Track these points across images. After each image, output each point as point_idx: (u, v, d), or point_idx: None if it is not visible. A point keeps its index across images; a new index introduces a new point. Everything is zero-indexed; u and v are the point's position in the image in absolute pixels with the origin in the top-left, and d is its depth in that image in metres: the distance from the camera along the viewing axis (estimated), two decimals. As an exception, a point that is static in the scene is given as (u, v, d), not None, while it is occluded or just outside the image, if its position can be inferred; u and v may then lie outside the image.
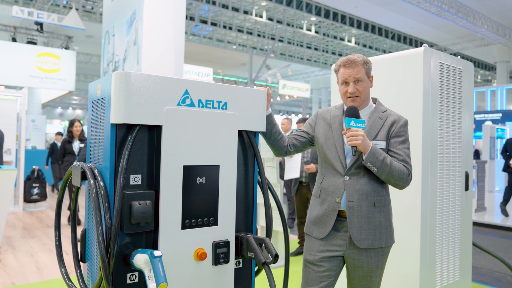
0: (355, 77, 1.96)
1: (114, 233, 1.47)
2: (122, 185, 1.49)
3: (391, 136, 1.98)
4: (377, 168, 1.88)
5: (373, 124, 2.00)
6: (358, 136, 1.85)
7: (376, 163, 1.87)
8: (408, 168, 1.95)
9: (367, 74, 2.00)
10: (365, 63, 1.99)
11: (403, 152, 1.96)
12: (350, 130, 1.88)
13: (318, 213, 2.03)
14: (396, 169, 1.90)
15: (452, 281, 3.08)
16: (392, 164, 1.89)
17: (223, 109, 1.76)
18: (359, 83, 1.97)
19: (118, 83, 1.52)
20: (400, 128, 1.99)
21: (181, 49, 7.75)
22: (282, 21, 20.01)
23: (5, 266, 4.23)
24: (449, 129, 3.05)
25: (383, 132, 1.98)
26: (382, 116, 2.01)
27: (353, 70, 1.96)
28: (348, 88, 1.98)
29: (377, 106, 2.06)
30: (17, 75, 13.72)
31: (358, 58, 1.98)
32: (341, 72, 2.01)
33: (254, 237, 1.80)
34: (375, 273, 1.97)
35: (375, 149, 1.87)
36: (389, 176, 1.90)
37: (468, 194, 3.26)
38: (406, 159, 1.96)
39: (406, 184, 1.95)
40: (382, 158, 1.87)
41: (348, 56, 1.99)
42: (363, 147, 1.86)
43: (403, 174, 1.91)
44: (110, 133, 1.54)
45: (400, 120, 2.01)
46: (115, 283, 1.55)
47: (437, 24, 19.03)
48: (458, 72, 3.14)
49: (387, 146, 1.97)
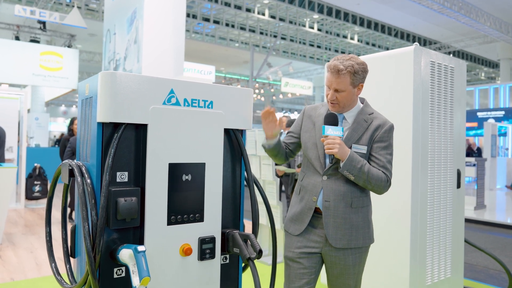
0: (335, 87, 1.90)
1: (99, 229, 1.51)
2: (108, 182, 1.54)
3: (374, 140, 1.95)
4: (354, 176, 1.88)
5: (357, 127, 1.97)
6: (335, 145, 1.84)
7: (353, 171, 1.86)
8: (387, 175, 1.93)
9: (353, 83, 1.90)
10: (354, 73, 1.87)
11: (384, 158, 1.94)
12: (327, 138, 1.87)
13: (296, 210, 2.06)
14: (374, 177, 1.88)
15: (444, 278, 3.11)
16: (370, 171, 1.88)
17: (209, 108, 1.80)
18: (340, 92, 1.91)
19: (104, 83, 1.57)
20: (384, 134, 1.96)
21: (181, 48, 7.79)
22: (284, 19, 19.99)
23: (4, 262, 4.30)
24: (440, 127, 3.07)
25: (366, 136, 1.95)
26: (368, 119, 1.98)
27: (335, 80, 1.89)
28: (329, 92, 1.95)
29: (364, 107, 2.02)
30: (21, 73, 13.81)
31: (346, 67, 1.86)
32: (326, 75, 1.98)
33: (240, 233, 1.84)
34: (352, 270, 1.99)
35: (352, 157, 1.86)
36: (366, 183, 1.90)
37: (460, 191, 3.29)
38: (386, 165, 1.93)
39: (384, 190, 1.95)
40: (359, 166, 1.86)
41: (335, 63, 1.88)
42: (340, 155, 1.85)
43: (380, 181, 1.90)
44: (97, 131, 1.59)
45: (385, 124, 1.97)
46: (102, 277, 1.59)
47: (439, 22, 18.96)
48: (450, 71, 3.16)
49: (368, 151, 1.95)
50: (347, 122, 2.01)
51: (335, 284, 2.06)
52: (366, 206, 2.01)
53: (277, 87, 24.18)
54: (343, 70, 1.87)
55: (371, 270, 3.05)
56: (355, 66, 1.88)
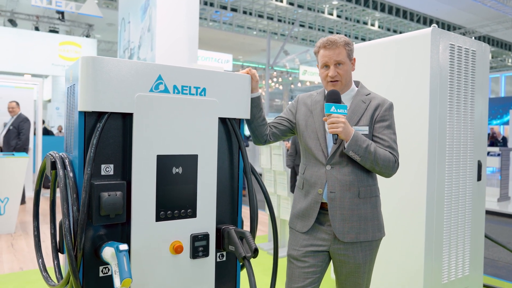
0: (336, 60, 1.81)
1: (80, 225, 1.41)
2: (90, 175, 1.43)
3: (376, 120, 1.84)
4: (360, 157, 1.75)
5: (355, 109, 1.86)
6: (339, 124, 1.71)
7: (359, 151, 1.74)
8: (395, 155, 1.81)
9: (349, 56, 1.85)
10: (347, 44, 1.84)
11: (389, 137, 1.82)
12: (330, 117, 1.74)
13: (301, 206, 1.92)
14: (381, 157, 1.76)
15: (461, 276, 2.94)
16: (377, 151, 1.76)
17: (201, 95, 1.67)
18: (340, 66, 1.83)
19: (85, 69, 1.45)
20: (385, 112, 1.85)
21: (195, 36, 7.68)
22: (303, 6, 19.60)
23: (16, 251, 4.32)
24: (460, 115, 2.86)
25: (366, 116, 1.84)
26: (365, 100, 1.87)
27: (334, 52, 1.81)
28: (328, 71, 1.83)
29: (359, 89, 1.92)
30: (40, 63, 13.99)
31: (339, 38, 1.83)
32: (321, 54, 1.86)
33: (236, 230, 1.72)
34: (363, 268, 1.86)
35: (357, 136, 1.74)
36: (373, 165, 1.77)
37: (480, 184, 3.08)
38: (392, 145, 1.82)
39: (393, 172, 1.82)
40: (365, 146, 1.74)
41: (329, 37, 1.85)
42: (344, 135, 1.72)
43: (389, 162, 1.78)
44: (78, 121, 1.48)
45: (385, 103, 1.87)
46: (86, 276, 1.50)
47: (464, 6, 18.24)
48: (471, 54, 2.93)
49: (371, 132, 1.84)
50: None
51: (344, 284, 1.93)
52: (375, 196, 1.88)
53: (295, 75, 23.83)
54: (338, 41, 1.83)
55: (382, 267, 2.89)
56: (344, 37, 1.86)
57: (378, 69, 2.99)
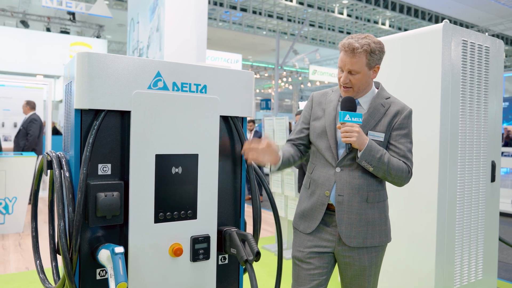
0: (349, 68, 1.70)
1: (76, 227, 1.37)
2: (85, 176, 1.39)
3: (393, 128, 1.77)
4: (373, 167, 1.69)
5: (373, 112, 1.77)
6: (353, 133, 1.65)
7: (372, 161, 1.67)
8: (408, 165, 1.75)
9: (369, 65, 1.71)
10: (371, 53, 1.69)
11: (405, 146, 1.75)
12: (344, 125, 1.67)
13: (306, 206, 1.86)
14: (395, 167, 1.70)
15: (474, 280, 2.84)
16: (390, 161, 1.69)
17: (202, 92, 1.62)
18: (354, 75, 1.72)
19: (81, 65, 1.41)
20: (404, 120, 1.77)
21: (203, 36, 7.65)
22: (313, 5, 19.46)
23: (23, 251, 4.32)
24: (472, 114, 2.77)
25: (384, 122, 1.76)
26: (385, 104, 1.79)
27: (350, 60, 1.69)
28: (342, 75, 1.75)
29: (379, 91, 1.83)
30: (52, 64, 14.11)
31: (362, 46, 1.66)
32: (340, 55, 1.77)
33: (238, 232, 1.66)
34: (369, 271, 1.79)
35: (371, 146, 1.67)
36: (386, 175, 1.71)
37: (494, 185, 2.98)
38: (407, 155, 1.75)
39: (405, 182, 1.77)
40: (379, 156, 1.67)
41: (350, 40, 1.69)
42: (358, 145, 1.66)
43: (402, 172, 1.72)
44: (75, 119, 1.44)
45: (404, 110, 1.78)
46: (83, 278, 1.46)
47: (477, 3, 17.94)
48: (485, 51, 2.83)
49: (386, 138, 1.76)
50: (362, 108, 1.81)
51: (349, 286, 1.86)
52: (383, 200, 1.81)
53: (305, 75, 23.71)
54: (359, 48, 1.68)
55: (391, 271, 2.81)
56: (371, 45, 1.69)
57: (387, 66, 2.91)
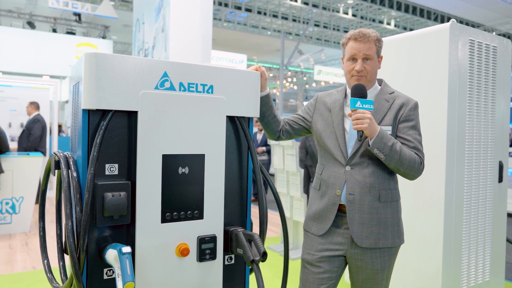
0: (365, 54, 1.73)
1: (83, 226, 1.37)
2: (93, 175, 1.39)
3: (400, 120, 1.76)
4: (385, 156, 1.66)
5: (378, 107, 1.77)
6: (365, 119, 1.63)
7: (384, 149, 1.65)
8: (420, 156, 1.73)
9: (378, 52, 1.79)
10: (378, 40, 1.78)
11: (414, 138, 1.74)
12: (356, 112, 1.66)
13: (317, 207, 1.85)
14: (407, 157, 1.67)
15: (481, 281, 2.82)
16: (403, 151, 1.67)
17: (208, 92, 1.62)
18: (368, 61, 1.75)
19: (88, 66, 1.41)
20: (410, 112, 1.76)
21: (209, 36, 7.66)
22: (318, 5, 19.45)
23: (30, 250, 4.35)
24: (480, 114, 2.75)
25: (390, 115, 1.76)
26: (389, 98, 1.79)
27: (364, 46, 1.73)
28: (355, 65, 1.75)
29: (383, 87, 1.84)
30: (58, 64, 14.22)
31: (372, 33, 1.76)
32: (349, 46, 1.77)
33: (244, 232, 1.66)
34: (381, 275, 1.77)
35: (383, 134, 1.66)
36: (398, 165, 1.68)
37: (502, 185, 2.96)
38: (418, 146, 1.74)
39: (418, 174, 1.73)
40: (391, 144, 1.65)
41: (361, 29, 1.77)
42: (369, 132, 1.64)
43: (414, 163, 1.69)
44: (82, 119, 1.44)
45: (410, 102, 1.78)
46: (90, 278, 1.46)
47: (483, 2, 17.85)
48: (492, 50, 2.81)
49: (394, 132, 1.75)
50: None
51: None
52: (396, 200, 1.80)
53: (310, 75, 23.69)
54: (371, 34, 1.75)
55: (398, 272, 2.79)
56: (376, 33, 1.80)
57: (392, 66, 2.90)
